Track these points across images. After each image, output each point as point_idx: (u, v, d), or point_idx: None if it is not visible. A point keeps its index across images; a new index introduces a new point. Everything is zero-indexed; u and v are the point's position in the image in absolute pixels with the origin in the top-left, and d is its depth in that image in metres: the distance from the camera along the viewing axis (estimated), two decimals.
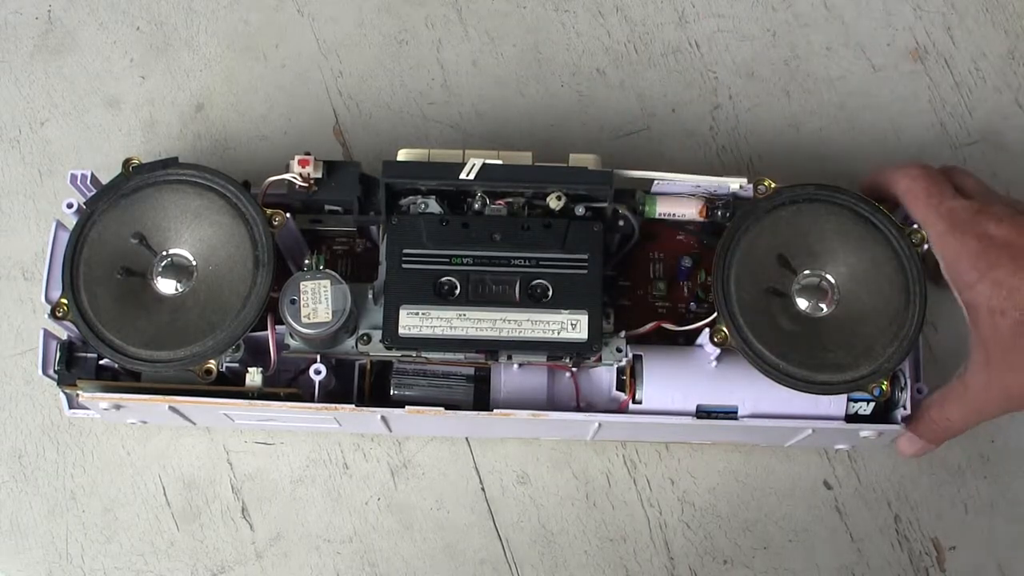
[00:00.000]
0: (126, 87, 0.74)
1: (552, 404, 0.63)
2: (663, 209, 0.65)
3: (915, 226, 0.62)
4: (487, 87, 0.74)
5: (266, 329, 0.61)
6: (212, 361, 0.60)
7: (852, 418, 0.63)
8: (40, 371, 0.62)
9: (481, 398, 0.63)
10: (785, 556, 0.68)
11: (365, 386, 0.63)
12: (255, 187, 0.63)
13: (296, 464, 0.69)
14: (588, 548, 0.68)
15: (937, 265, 0.61)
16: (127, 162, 0.62)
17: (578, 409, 0.63)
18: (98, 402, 0.62)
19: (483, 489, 0.69)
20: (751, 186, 0.63)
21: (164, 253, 0.62)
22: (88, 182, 0.63)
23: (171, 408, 0.62)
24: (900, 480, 0.69)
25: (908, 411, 0.62)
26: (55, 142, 0.73)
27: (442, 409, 0.61)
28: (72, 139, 0.73)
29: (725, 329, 0.60)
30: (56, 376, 0.62)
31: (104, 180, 0.63)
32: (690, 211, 0.65)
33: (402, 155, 0.63)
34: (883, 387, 0.60)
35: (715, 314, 0.61)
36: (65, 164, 0.72)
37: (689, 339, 0.64)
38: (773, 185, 0.63)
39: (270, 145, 0.73)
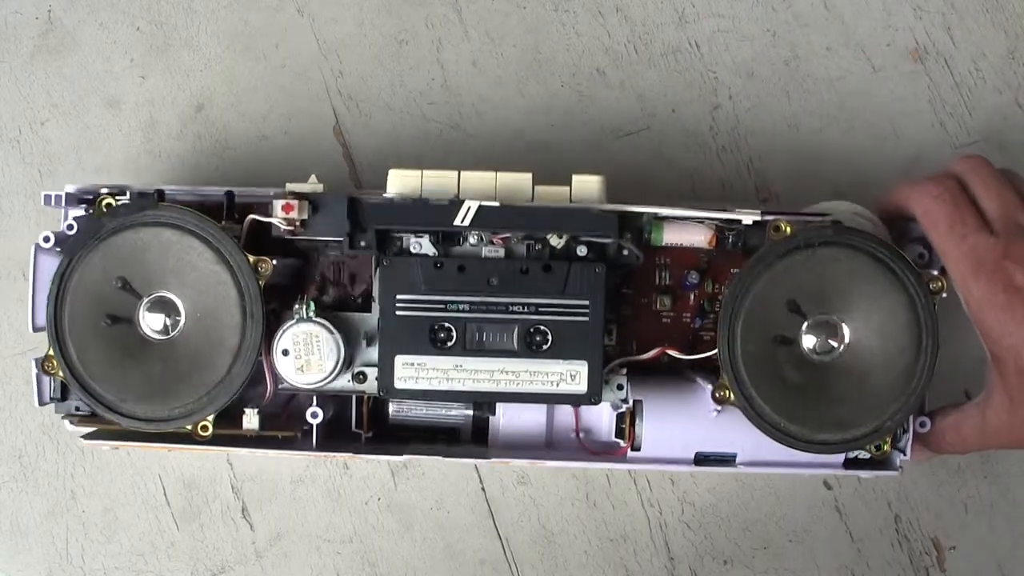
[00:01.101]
0: (126, 87, 0.74)
1: (551, 434, 0.63)
2: (670, 238, 0.62)
3: (935, 273, 0.59)
4: (487, 87, 0.74)
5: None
6: (209, 418, 0.59)
7: (850, 463, 0.62)
8: (36, 403, 0.61)
9: (481, 423, 0.63)
10: (785, 556, 0.68)
11: (364, 412, 0.63)
12: (241, 191, 0.62)
13: (296, 464, 0.69)
14: (588, 548, 0.68)
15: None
16: (99, 202, 0.61)
17: (577, 438, 0.63)
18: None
19: (483, 489, 0.69)
20: (765, 220, 0.60)
21: (147, 298, 0.60)
22: (63, 203, 0.62)
23: None
24: (900, 480, 0.69)
25: (908, 456, 0.61)
26: (55, 142, 0.73)
27: (440, 458, 0.61)
28: (72, 139, 0.73)
29: (728, 387, 0.59)
30: (56, 400, 0.61)
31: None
32: (699, 239, 0.62)
33: (392, 176, 0.61)
34: (883, 447, 0.60)
35: (717, 348, 0.59)
36: (65, 164, 0.72)
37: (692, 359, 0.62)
38: (789, 229, 0.59)
39: (270, 145, 0.73)
